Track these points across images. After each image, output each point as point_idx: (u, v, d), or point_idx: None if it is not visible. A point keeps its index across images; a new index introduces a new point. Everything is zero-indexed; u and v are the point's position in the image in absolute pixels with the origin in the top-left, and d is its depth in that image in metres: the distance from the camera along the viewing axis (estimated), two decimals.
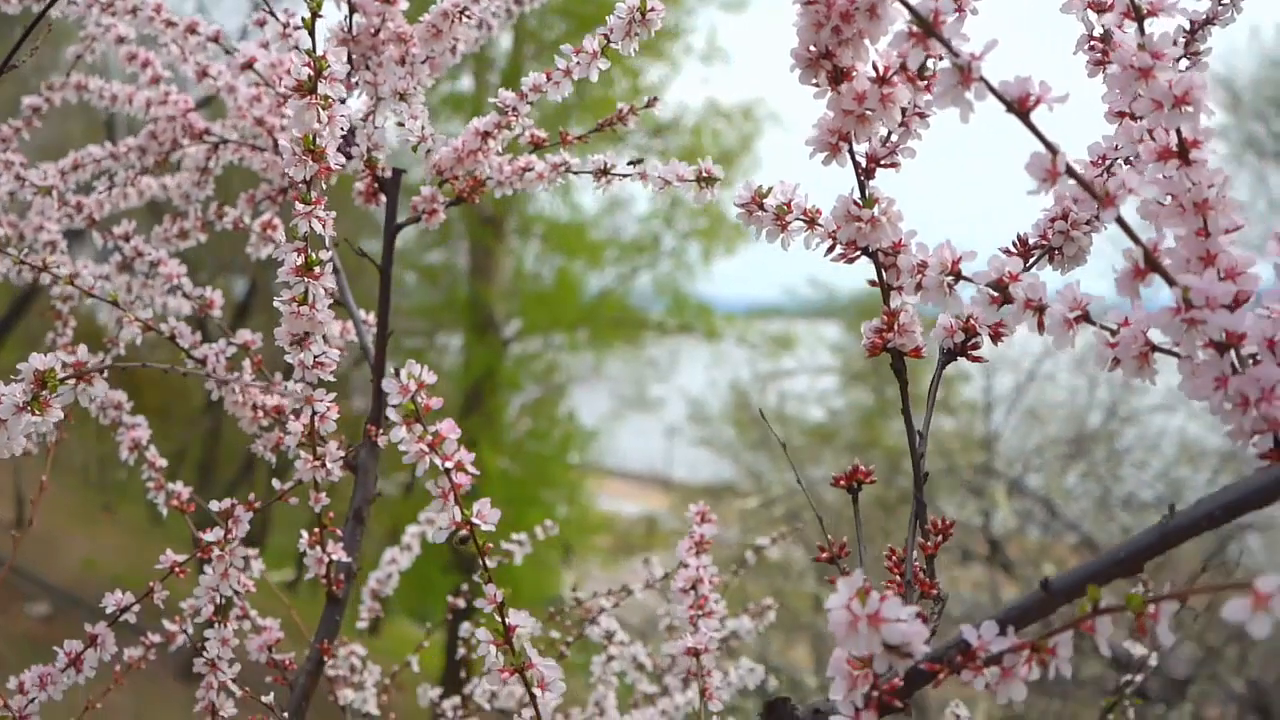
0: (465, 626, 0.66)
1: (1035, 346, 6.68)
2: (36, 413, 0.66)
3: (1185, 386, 0.52)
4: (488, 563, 0.63)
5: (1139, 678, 1.12)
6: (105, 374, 0.95)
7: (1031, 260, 0.67)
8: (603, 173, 0.95)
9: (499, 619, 0.64)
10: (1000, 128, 0.55)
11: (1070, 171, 0.49)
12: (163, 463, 1.08)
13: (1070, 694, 6.20)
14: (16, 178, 1.11)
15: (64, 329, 1.23)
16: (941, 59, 0.52)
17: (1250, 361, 0.52)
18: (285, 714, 0.92)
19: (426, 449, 0.60)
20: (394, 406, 0.59)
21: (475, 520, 0.62)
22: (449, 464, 0.61)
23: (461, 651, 1.45)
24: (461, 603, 1.43)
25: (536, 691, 0.63)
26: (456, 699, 1.37)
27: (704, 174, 0.83)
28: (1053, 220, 0.67)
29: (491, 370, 10.70)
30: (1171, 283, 0.50)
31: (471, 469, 0.62)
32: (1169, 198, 0.53)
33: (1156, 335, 0.54)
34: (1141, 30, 0.53)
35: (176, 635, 1.11)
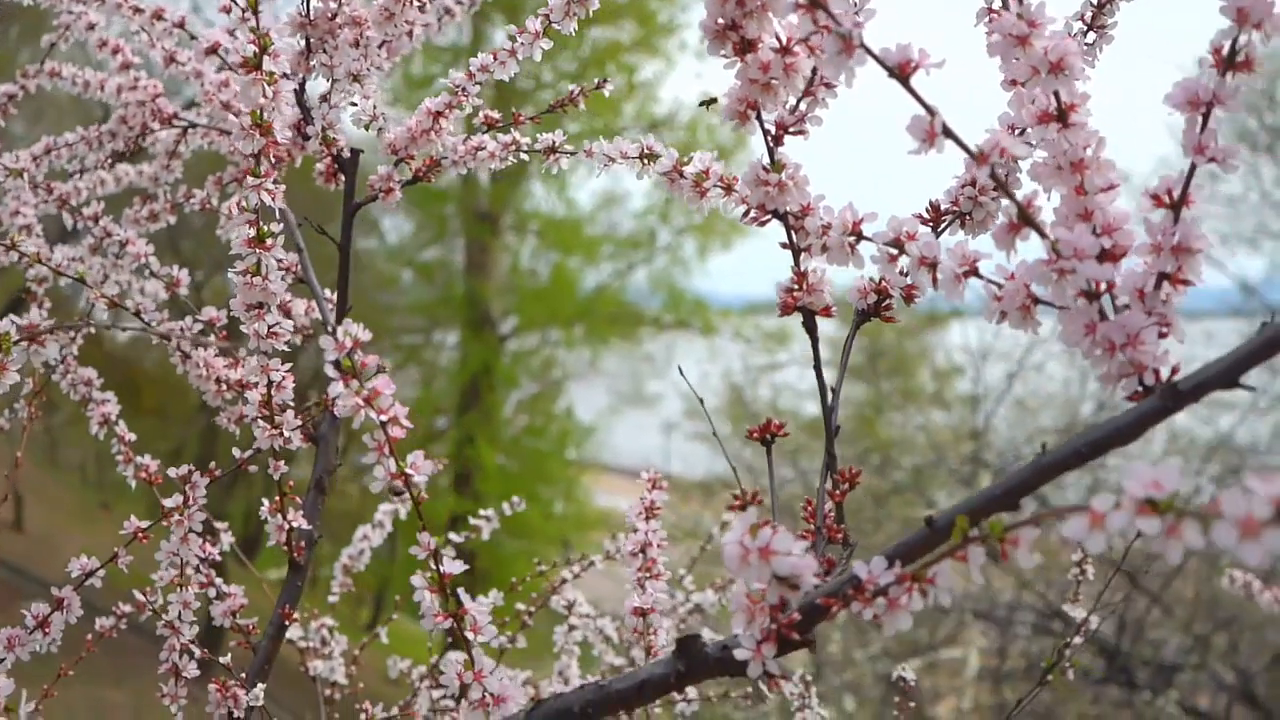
0: (413, 580, 0.68)
1: (1024, 338, 6.72)
2: None
3: (1061, 334, 0.55)
4: (421, 514, 0.67)
5: (1078, 640, 1.15)
6: (73, 342, 0.98)
7: (943, 225, 0.70)
8: (551, 150, 0.99)
9: (434, 567, 0.67)
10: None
11: (947, 132, 0.53)
12: (132, 437, 1.11)
13: (1062, 684, 6.24)
14: None
15: (39, 312, 1.26)
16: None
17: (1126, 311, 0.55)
18: (243, 675, 0.95)
19: (363, 403, 0.64)
20: (331, 363, 0.63)
21: (409, 471, 0.65)
22: (384, 418, 0.64)
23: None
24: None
25: (469, 635, 0.66)
26: (423, 668, 1.41)
27: (645, 151, 0.86)
28: (963, 186, 0.70)
29: (488, 366, 10.74)
30: (1044, 236, 0.54)
31: (406, 423, 0.65)
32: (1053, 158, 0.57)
33: (1040, 289, 0.57)
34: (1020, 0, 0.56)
35: (145, 605, 1.14)
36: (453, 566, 0.67)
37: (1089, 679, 6.11)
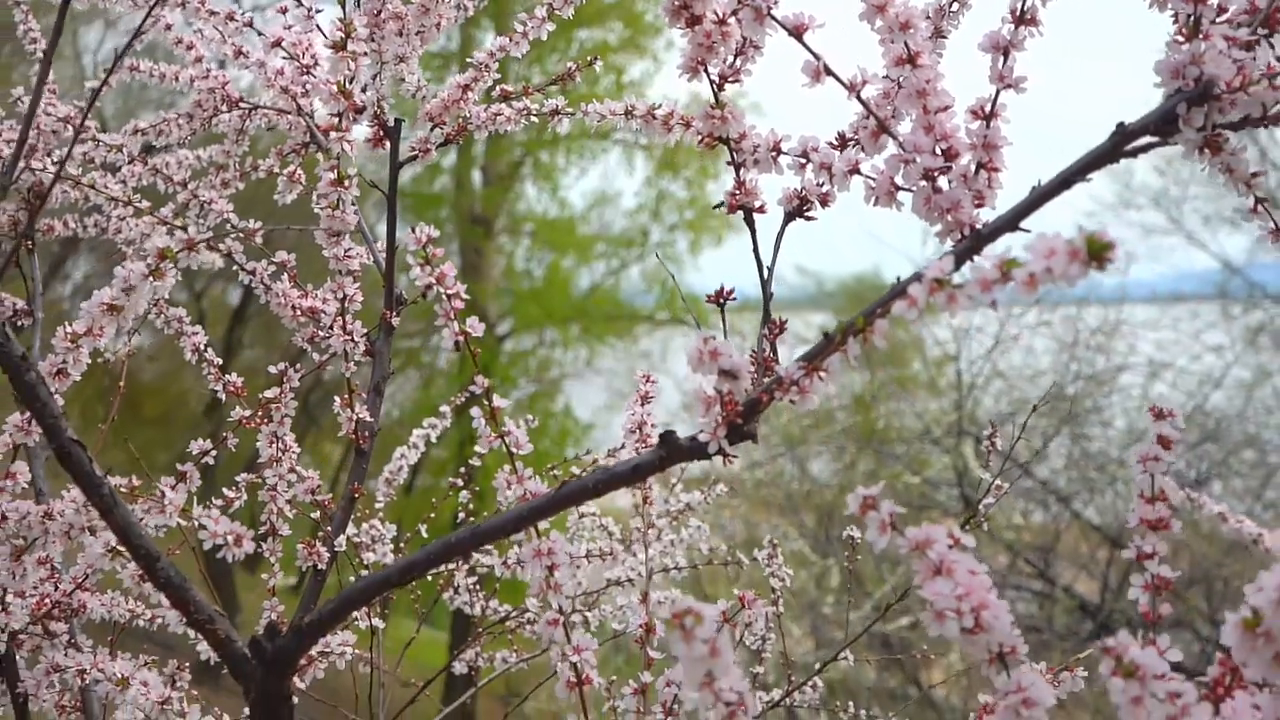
0: (473, 411, 0.94)
1: (1001, 314, 6.99)
2: (157, 279, 0.95)
3: (912, 207, 0.81)
4: (477, 362, 0.92)
5: (990, 500, 1.41)
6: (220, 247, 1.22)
7: (848, 146, 0.96)
8: (555, 113, 1.24)
9: (487, 402, 0.93)
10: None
11: (828, 70, 0.78)
12: (219, 361, 1.37)
13: (1051, 645, 6.52)
14: (93, 139, 1.40)
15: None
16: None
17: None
18: (329, 528, 1.21)
19: (434, 282, 0.89)
20: (411, 252, 0.88)
21: (469, 329, 0.91)
22: (450, 292, 0.90)
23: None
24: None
25: (515, 449, 0.92)
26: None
27: (629, 109, 1.12)
28: (861, 119, 0.95)
29: (486, 368, 10.96)
30: (895, 139, 0.79)
31: (464, 295, 0.91)
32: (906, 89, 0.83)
33: (900, 180, 0.83)
34: None
35: (234, 500, 1.40)
36: (501, 402, 0.93)
37: (1077, 638, 6.38)
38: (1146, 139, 0.73)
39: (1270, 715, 0.57)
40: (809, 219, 0.95)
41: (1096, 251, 0.56)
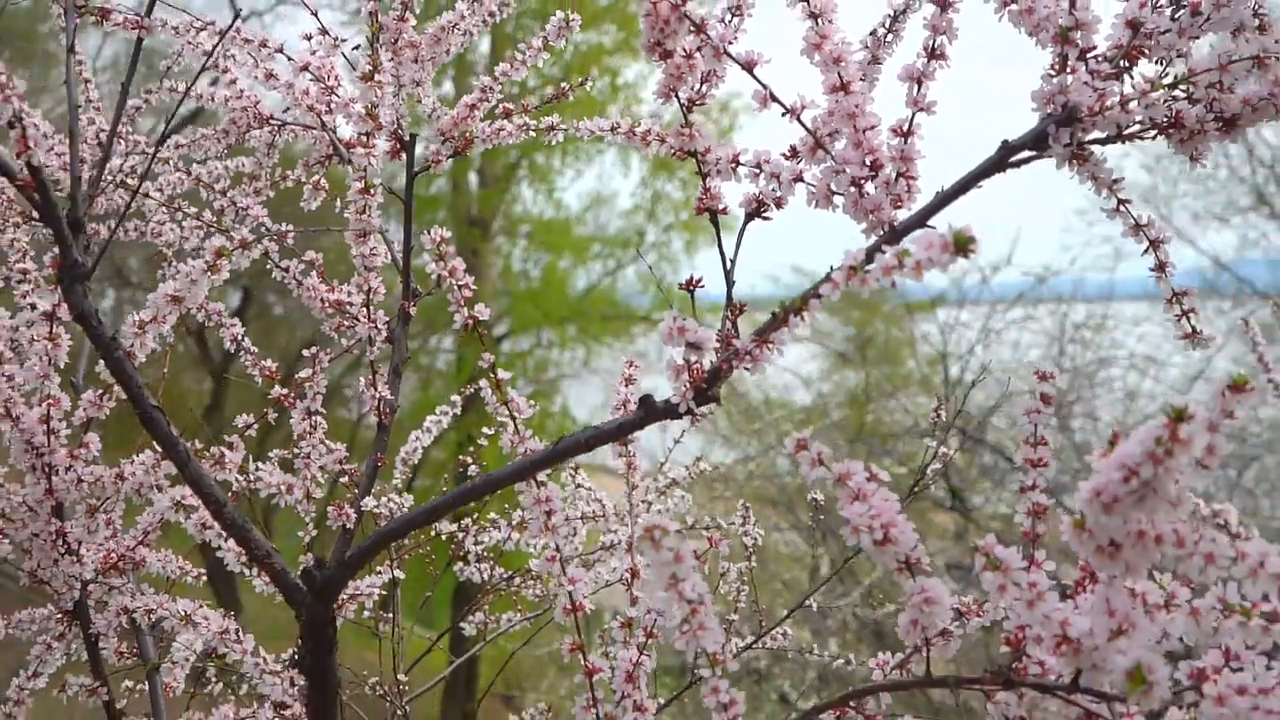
0: (481, 382, 1.11)
1: (984, 309, 7.18)
2: (213, 273, 1.12)
3: (844, 209, 0.98)
4: (485, 343, 1.10)
5: (936, 467, 1.58)
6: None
7: (798, 160, 1.13)
8: (551, 128, 1.42)
9: (493, 375, 1.10)
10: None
11: (773, 97, 0.96)
12: (255, 350, 1.54)
13: None
14: (141, 151, 1.57)
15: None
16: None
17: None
18: (357, 489, 1.38)
19: (447, 275, 1.07)
20: (427, 250, 1.06)
21: (476, 314, 1.08)
22: (460, 283, 1.07)
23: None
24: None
25: (516, 414, 1.10)
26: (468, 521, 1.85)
27: (614, 126, 1.29)
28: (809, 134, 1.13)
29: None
30: (828, 153, 0.97)
31: (472, 286, 1.08)
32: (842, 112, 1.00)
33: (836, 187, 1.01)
34: (815, 18, 0.99)
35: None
36: (504, 375, 1.10)
37: None
38: (1026, 153, 0.91)
39: (1100, 599, 0.75)
40: (765, 219, 1.13)
41: (962, 244, 0.74)
